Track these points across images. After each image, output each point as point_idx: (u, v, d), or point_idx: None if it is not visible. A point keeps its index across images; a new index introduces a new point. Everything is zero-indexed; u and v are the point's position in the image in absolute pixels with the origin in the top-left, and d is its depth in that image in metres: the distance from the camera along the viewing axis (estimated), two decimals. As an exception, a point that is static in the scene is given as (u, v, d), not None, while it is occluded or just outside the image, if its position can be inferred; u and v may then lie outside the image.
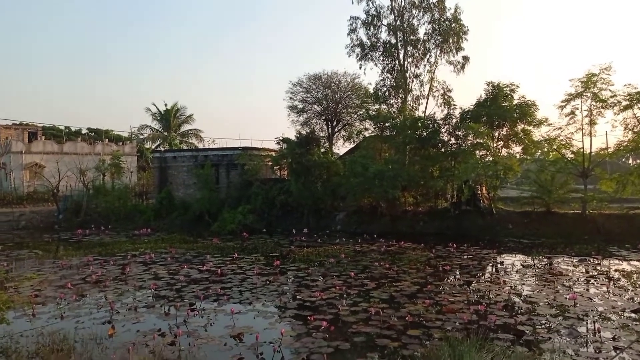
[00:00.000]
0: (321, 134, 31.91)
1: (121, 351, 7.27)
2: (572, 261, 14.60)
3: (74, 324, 8.87)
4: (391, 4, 26.90)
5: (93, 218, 27.56)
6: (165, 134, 50.63)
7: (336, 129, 33.39)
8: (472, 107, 23.00)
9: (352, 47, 28.02)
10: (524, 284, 11.73)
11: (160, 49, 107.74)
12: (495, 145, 22.50)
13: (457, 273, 13.28)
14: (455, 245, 16.87)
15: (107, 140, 46.70)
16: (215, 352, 7.47)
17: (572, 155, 21.21)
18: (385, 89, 27.03)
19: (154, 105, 51.46)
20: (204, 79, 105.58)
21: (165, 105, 51.45)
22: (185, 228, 24.99)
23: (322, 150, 26.46)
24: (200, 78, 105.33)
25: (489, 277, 13.15)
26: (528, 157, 22.66)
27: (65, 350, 7.28)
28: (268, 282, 12.23)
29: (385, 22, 27.37)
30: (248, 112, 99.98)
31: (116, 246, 19.10)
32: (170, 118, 50.73)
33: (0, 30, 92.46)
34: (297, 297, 10.74)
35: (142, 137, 52.24)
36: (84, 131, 52.65)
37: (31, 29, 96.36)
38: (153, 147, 49.42)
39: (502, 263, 14.91)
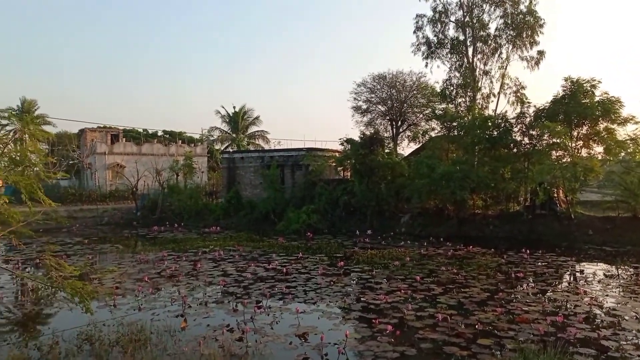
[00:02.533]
0: (385, 135, 31.62)
1: (192, 344, 7.60)
2: (663, 272, 13.31)
3: (150, 316, 9.40)
4: (460, 0, 26.05)
5: (167, 215, 29.14)
6: (234, 135, 52.47)
7: (401, 129, 32.93)
8: (547, 104, 21.70)
9: (417, 45, 27.53)
10: (607, 295, 10.86)
11: (229, 52, 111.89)
12: (573, 145, 21.06)
13: (531, 281, 12.55)
14: (528, 251, 15.97)
15: (180, 141, 49.16)
16: (280, 350, 7.59)
17: (663, 156, 19.33)
18: (452, 87, 26.27)
19: (223, 107, 53.52)
20: (270, 81, 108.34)
21: (234, 107, 53.36)
22: (252, 227, 25.73)
23: (386, 150, 26.15)
24: (267, 80, 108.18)
25: (566, 287, 12.32)
26: (611, 158, 20.91)
27: (142, 341, 7.72)
28: (332, 282, 12.25)
29: (453, 18, 26.61)
30: (313, 113, 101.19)
31: (188, 243, 20.04)
32: (238, 120, 52.52)
33: (88, 41, 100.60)
34: (361, 299, 10.66)
35: (212, 138, 54.50)
36: (159, 133, 55.88)
37: (116, 41, 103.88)
38: (222, 148, 51.39)
39: (581, 272, 13.92)
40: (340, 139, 27.35)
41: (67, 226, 23.88)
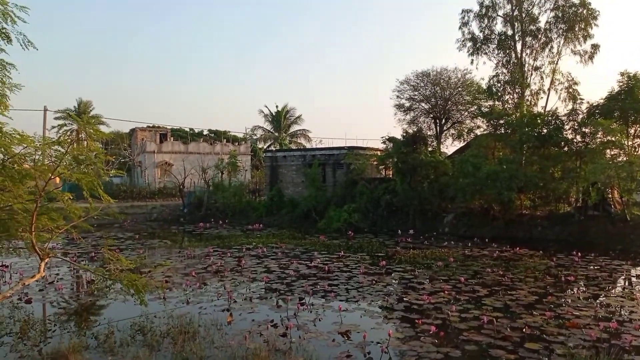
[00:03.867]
0: (428, 133, 31.08)
1: (238, 338, 7.82)
2: None
3: (198, 309, 9.74)
4: (508, -7, 25.27)
5: (212, 212, 29.98)
6: (276, 134, 53.25)
7: (445, 127, 32.27)
8: (602, 101, 20.73)
9: (463, 41, 26.91)
10: (666, 302, 10.27)
11: (273, 53, 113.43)
12: (630, 143, 20.00)
13: (582, 285, 12.04)
14: (579, 254, 15.32)
15: (225, 140, 50.40)
16: (323, 347, 7.68)
17: None
18: (499, 84, 25.51)
19: (266, 107, 54.42)
20: (312, 80, 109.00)
21: (277, 106, 54.12)
22: (294, 224, 26.04)
23: (430, 149, 25.76)
24: (309, 79, 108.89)
25: (620, 292, 11.74)
26: (671, 157, 19.70)
27: (190, 333, 8.04)
28: (374, 281, 12.24)
29: (501, 12, 25.86)
30: (355, 112, 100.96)
31: (232, 239, 20.55)
32: (280, 119, 53.25)
33: (142, 44, 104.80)
34: (404, 299, 10.60)
35: (255, 137, 55.55)
36: (205, 132, 57.49)
37: (166, 43, 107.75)
38: (265, 146, 52.26)
39: (637, 276, 13.22)
40: (382, 137, 27.23)
41: (120, 221, 25.02)
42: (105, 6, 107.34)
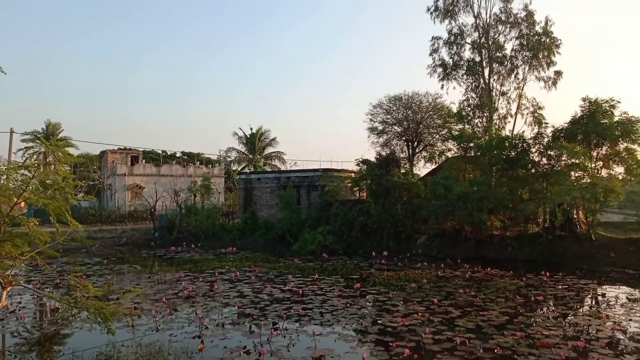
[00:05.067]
0: (401, 155, 31.67)
1: (210, 366, 7.63)
2: (690, 296, 12.93)
3: (168, 337, 9.47)
4: (475, 22, 26.33)
5: (184, 236, 29.42)
6: (250, 156, 53.05)
7: (417, 150, 32.94)
8: (566, 125, 21.57)
9: (433, 67, 27.73)
10: (630, 320, 10.58)
11: (247, 76, 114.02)
12: (593, 165, 20.79)
13: (551, 304, 12.31)
14: (548, 274, 15.68)
15: (198, 163, 49.89)
16: (297, 373, 7.56)
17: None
18: (469, 108, 26.30)
19: (240, 129, 54.29)
20: (287, 103, 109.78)
21: (251, 129, 54.08)
22: (268, 247, 25.80)
23: (403, 171, 26.14)
24: (284, 102, 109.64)
25: (588, 311, 12.03)
26: (632, 179, 20.56)
27: (160, 362, 7.80)
28: (348, 304, 12.20)
29: (469, 40, 26.82)
30: (328, 135, 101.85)
31: (205, 263, 20.18)
32: (255, 141, 53.16)
33: (107, 69, 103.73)
34: (378, 321, 10.58)
35: (229, 159, 55.19)
36: (178, 155, 56.81)
37: (133, 67, 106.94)
38: (239, 169, 51.96)
39: (603, 295, 13.59)
40: (356, 159, 27.53)
41: (87, 247, 24.27)
42: (76, 27, 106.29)
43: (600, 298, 13.33)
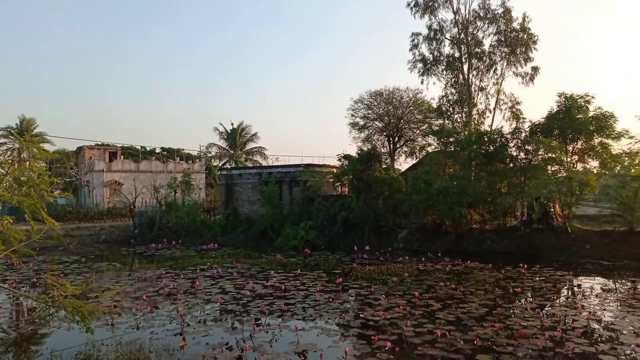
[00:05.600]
0: (383, 150, 31.84)
1: (192, 363, 7.58)
2: (660, 286, 13.36)
3: (149, 335, 9.37)
4: (455, 18, 26.57)
5: (165, 233, 29.08)
6: (232, 152, 52.66)
7: (398, 145, 33.16)
8: (542, 120, 21.97)
9: (414, 62, 27.92)
10: (604, 310, 10.89)
11: (228, 71, 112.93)
12: (569, 160, 21.25)
13: (529, 296, 12.58)
14: (526, 266, 16.01)
15: (178, 158, 49.30)
16: (280, 368, 7.57)
17: (657, 170, 19.50)
18: (448, 103, 26.56)
19: (221, 124, 53.85)
20: (268, 98, 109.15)
21: (232, 124, 53.69)
22: (250, 243, 25.69)
23: (384, 166, 26.29)
24: (266, 97, 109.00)
25: (564, 301, 12.34)
26: (607, 172, 21.10)
27: (141, 360, 7.71)
28: (331, 299, 12.25)
29: (448, 35, 27.06)
30: (310, 130, 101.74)
31: (186, 260, 20.00)
32: (236, 137, 52.78)
33: (84, 63, 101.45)
34: (360, 315, 10.66)
35: (210, 155, 54.69)
36: (157, 150, 56.03)
37: (111, 61, 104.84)
38: (220, 164, 51.52)
39: (579, 286, 13.94)
40: (337, 155, 27.54)
41: (64, 244, 23.77)
42: (52, 19, 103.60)
43: (576, 289, 13.67)
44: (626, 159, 20.00)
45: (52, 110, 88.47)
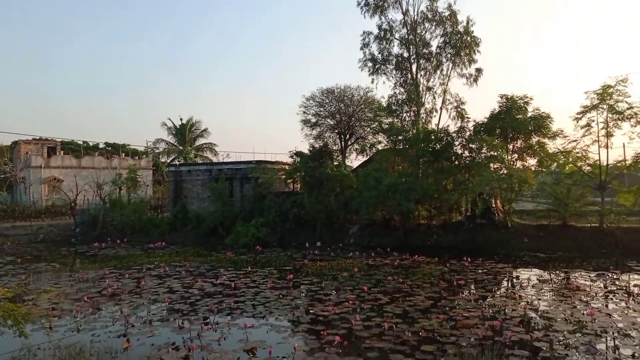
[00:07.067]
0: (334, 147, 32.09)
1: (136, 365, 7.34)
2: (589, 276, 14.34)
3: (90, 337, 8.97)
4: (404, 18, 27.16)
5: (109, 231, 27.92)
6: (181, 148, 51.26)
7: (349, 142, 33.56)
8: (485, 119, 22.92)
9: (364, 61, 28.32)
10: (540, 299, 11.54)
11: (175, 65, 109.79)
12: (509, 158, 22.33)
13: (472, 287, 13.13)
14: (469, 259, 16.69)
15: (123, 154, 47.46)
16: (228, 366, 7.48)
17: (588, 168, 20.90)
18: (397, 102, 27.09)
19: (170, 120, 52.26)
20: (218, 94, 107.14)
21: (181, 119, 52.22)
22: (200, 241, 25.18)
23: (335, 163, 26.52)
24: (215, 92, 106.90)
25: (504, 292, 12.98)
26: (543, 170, 22.38)
27: (81, 364, 7.38)
28: (281, 296, 12.23)
29: (397, 36, 27.61)
30: (262, 126, 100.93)
31: (131, 259, 19.31)
32: (185, 132, 51.42)
33: (20, 47, 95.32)
34: (310, 311, 10.72)
35: (157, 151, 52.99)
36: (101, 146, 53.64)
37: (50, 47, 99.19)
38: (168, 161, 50.05)
39: (517, 277, 14.70)
40: (289, 151, 27.51)
41: (-2, 245, 22.38)
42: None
43: (514, 280, 14.41)
44: (561, 157, 21.28)
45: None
